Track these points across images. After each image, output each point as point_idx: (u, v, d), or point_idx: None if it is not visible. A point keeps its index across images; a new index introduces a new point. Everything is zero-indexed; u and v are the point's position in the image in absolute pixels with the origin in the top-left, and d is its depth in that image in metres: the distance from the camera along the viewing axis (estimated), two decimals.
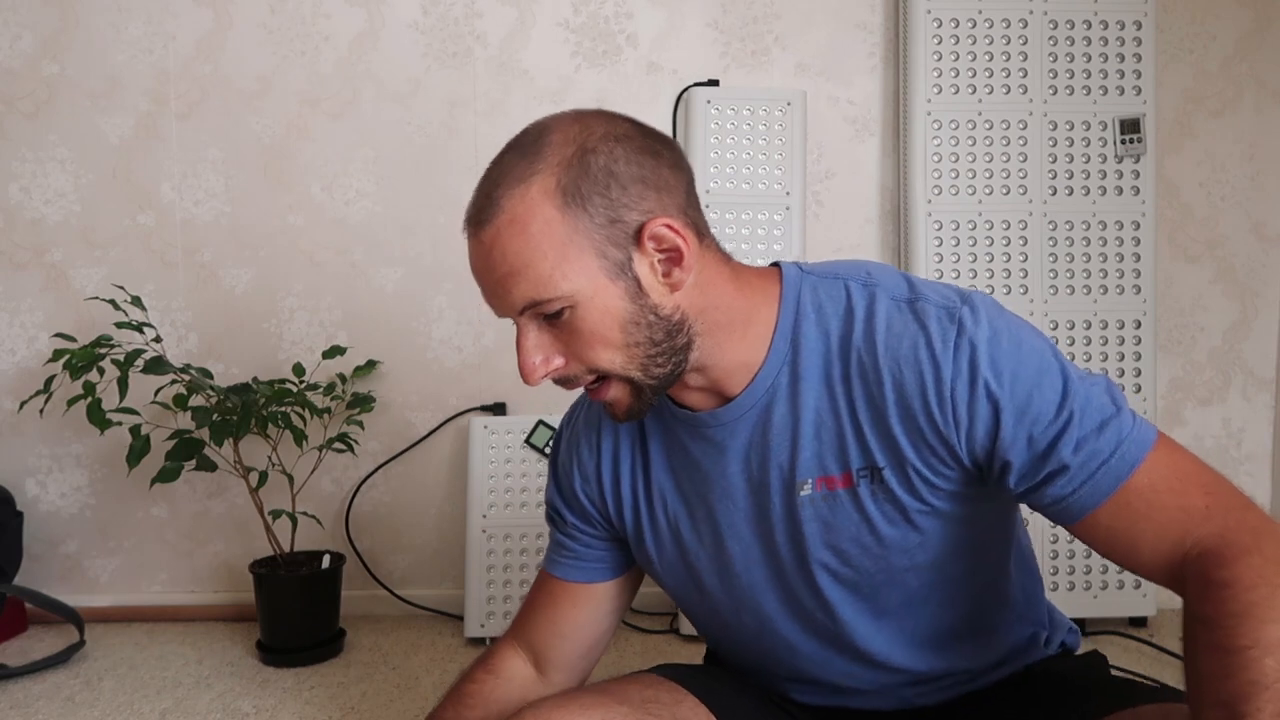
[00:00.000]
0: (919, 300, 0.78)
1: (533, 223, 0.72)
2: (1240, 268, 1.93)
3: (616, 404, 0.80)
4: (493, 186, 0.74)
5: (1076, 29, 1.80)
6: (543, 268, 0.72)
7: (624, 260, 0.74)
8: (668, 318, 0.76)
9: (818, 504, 0.80)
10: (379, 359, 1.92)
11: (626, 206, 0.73)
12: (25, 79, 1.89)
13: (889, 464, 0.78)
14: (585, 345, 0.76)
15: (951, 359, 0.74)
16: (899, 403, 0.76)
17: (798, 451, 0.80)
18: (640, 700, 0.87)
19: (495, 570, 1.78)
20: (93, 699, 1.54)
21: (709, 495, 0.86)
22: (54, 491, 1.95)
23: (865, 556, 0.81)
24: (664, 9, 1.89)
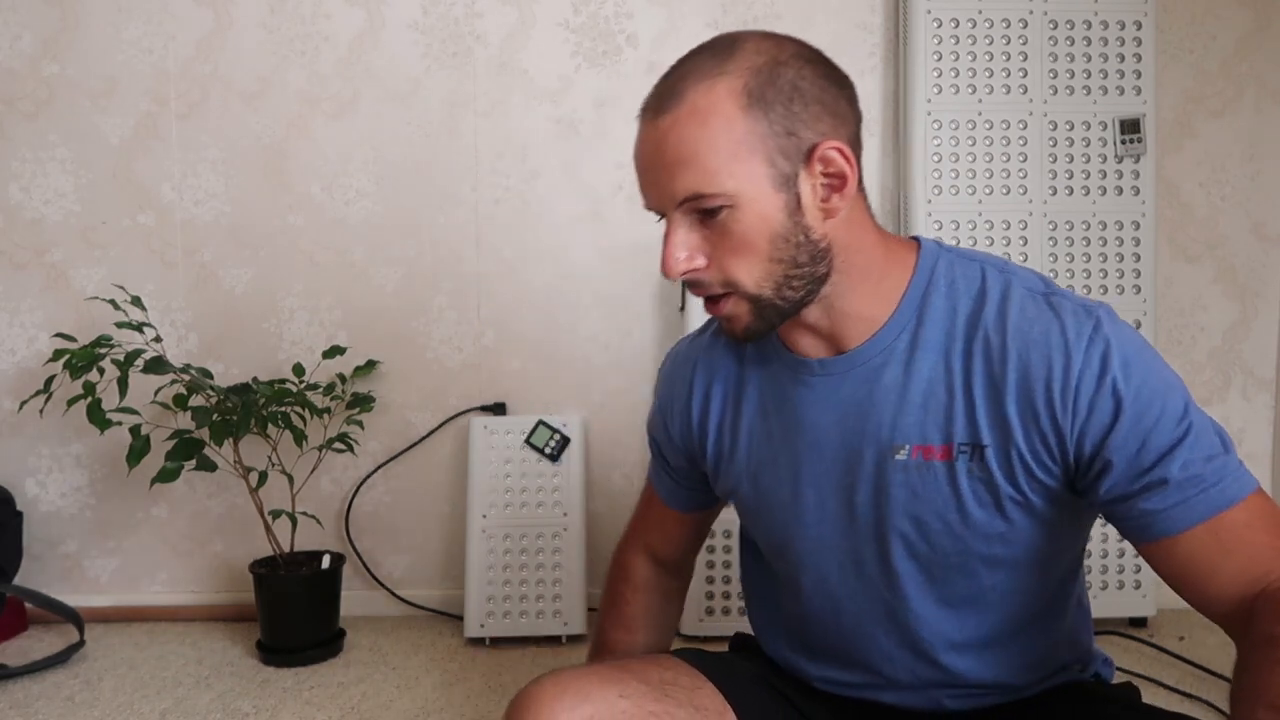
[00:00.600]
0: (1055, 295, 0.78)
1: (713, 117, 0.73)
2: (1240, 268, 1.93)
3: (735, 320, 0.81)
4: (678, 79, 0.76)
5: (1076, 29, 1.80)
6: (713, 162, 0.73)
7: (790, 174, 0.75)
8: (815, 242, 0.77)
9: (910, 471, 0.80)
10: (379, 359, 1.92)
11: (804, 124, 0.75)
12: (25, 79, 1.89)
13: (994, 444, 0.77)
14: (731, 250, 0.76)
15: (1084, 350, 0.73)
16: (1020, 385, 0.75)
17: (901, 416, 0.80)
18: (659, 681, 0.88)
19: (495, 570, 1.78)
20: (93, 699, 1.54)
21: (796, 442, 0.86)
22: (54, 491, 1.95)
23: (945, 535, 0.81)
24: (664, 9, 1.89)
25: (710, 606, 1.79)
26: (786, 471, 0.88)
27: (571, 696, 0.83)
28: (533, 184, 1.92)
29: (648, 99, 0.78)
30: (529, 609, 1.77)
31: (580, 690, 0.83)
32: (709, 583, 1.80)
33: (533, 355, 1.94)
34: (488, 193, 1.92)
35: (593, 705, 0.82)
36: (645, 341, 1.94)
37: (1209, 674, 1.57)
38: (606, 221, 1.92)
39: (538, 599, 1.78)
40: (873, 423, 0.81)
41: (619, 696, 0.83)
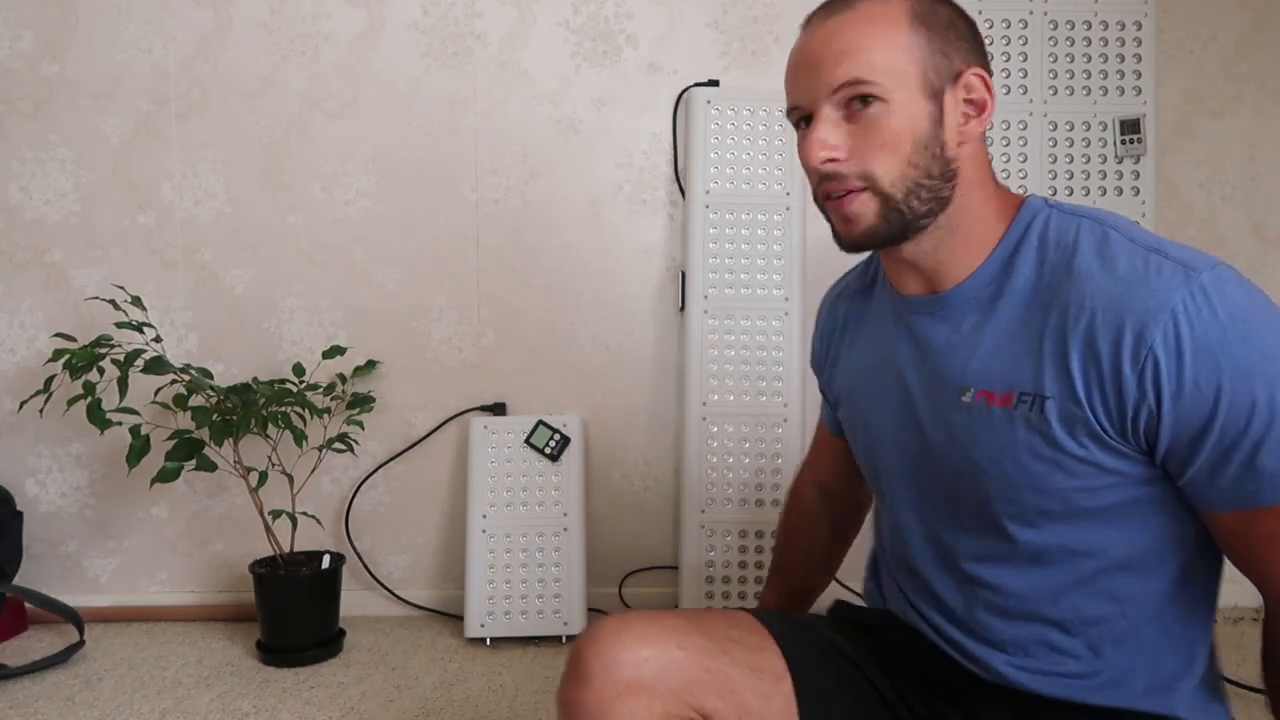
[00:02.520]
0: (1159, 249, 0.75)
1: (882, 23, 0.80)
2: (1240, 268, 1.92)
3: (858, 220, 0.83)
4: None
5: (1076, 29, 1.80)
6: (877, 56, 0.79)
7: (940, 89, 0.81)
8: (948, 160, 0.82)
9: (973, 414, 0.83)
10: (379, 359, 1.92)
11: (957, 50, 0.81)
12: (25, 79, 1.89)
13: (1057, 396, 0.77)
14: (875, 146, 0.80)
15: (1166, 318, 0.71)
16: (1086, 340, 0.75)
17: (973, 361, 0.84)
18: (724, 638, 0.91)
19: (495, 570, 1.78)
20: (93, 699, 1.54)
21: (887, 374, 0.93)
22: (54, 491, 1.95)
23: (1000, 481, 0.83)
24: (664, 9, 1.89)
25: (710, 606, 1.79)
26: (876, 401, 0.94)
27: (630, 638, 0.87)
28: (533, 184, 1.92)
29: (817, 9, 0.85)
30: (529, 609, 1.77)
31: (640, 635, 0.87)
32: (708, 582, 1.80)
33: (533, 355, 1.94)
34: (488, 193, 1.92)
35: (650, 649, 0.86)
36: (645, 341, 1.94)
37: None
38: (606, 221, 1.92)
39: (538, 599, 1.78)
40: (949, 365, 0.86)
41: (676, 647, 0.87)
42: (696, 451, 1.81)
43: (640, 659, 0.85)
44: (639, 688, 0.84)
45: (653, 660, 0.85)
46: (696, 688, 0.86)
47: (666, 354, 1.94)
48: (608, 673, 0.85)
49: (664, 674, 0.85)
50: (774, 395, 1.80)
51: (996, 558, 0.87)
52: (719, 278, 1.82)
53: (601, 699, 0.84)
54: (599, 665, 0.86)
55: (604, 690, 0.84)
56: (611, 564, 1.95)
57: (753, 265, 1.81)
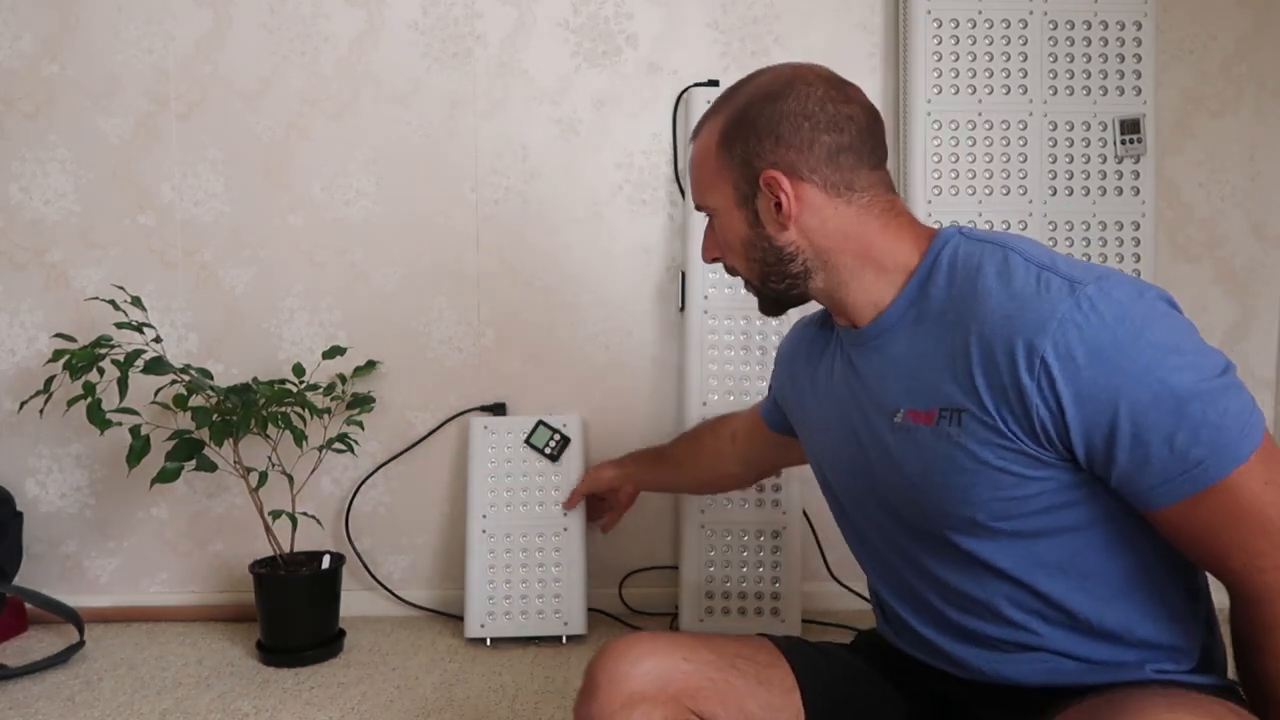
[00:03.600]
0: (1050, 268, 0.80)
1: (703, 155, 0.97)
2: (1240, 268, 1.93)
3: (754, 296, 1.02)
4: (702, 120, 0.99)
5: (1076, 29, 1.80)
6: (704, 184, 0.98)
7: (749, 194, 0.94)
8: (780, 248, 0.94)
9: (905, 433, 0.89)
10: (379, 359, 1.92)
11: (758, 155, 0.92)
12: (25, 79, 1.89)
13: (971, 408, 0.82)
14: (723, 248, 1.00)
15: (1053, 330, 0.76)
16: (985, 354, 0.80)
17: (899, 383, 0.90)
18: (733, 654, 0.97)
19: (495, 570, 1.78)
20: (93, 699, 1.54)
21: (833, 403, 1.01)
22: (54, 491, 1.95)
23: (924, 493, 0.88)
24: (664, 9, 1.89)
25: (710, 606, 1.79)
26: (830, 431, 1.01)
27: (637, 653, 0.91)
28: (533, 184, 1.92)
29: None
30: (529, 609, 1.77)
31: (649, 648, 0.92)
32: (708, 582, 1.80)
33: (533, 355, 1.94)
34: (488, 193, 1.92)
35: (655, 660, 0.91)
36: (645, 341, 1.94)
37: None
38: (606, 221, 1.92)
39: (538, 599, 1.78)
40: (882, 389, 0.92)
41: (682, 659, 0.92)
42: None
43: (644, 670, 0.90)
44: (641, 697, 0.89)
45: (656, 670, 0.90)
46: (698, 694, 0.90)
47: (666, 354, 1.94)
48: (614, 686, 0.89)
49: (666, 682, 0.90)
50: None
51: (953, 565, 0.90)
52: (719, 278, 1.81)
53: (605, 711, 0.89)
54: (606, 679, 0.90)
55: (609, 703, 0.89)
56: (611, 564, 1.95)
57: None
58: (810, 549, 1.89)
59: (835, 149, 0.91)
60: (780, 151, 0.90)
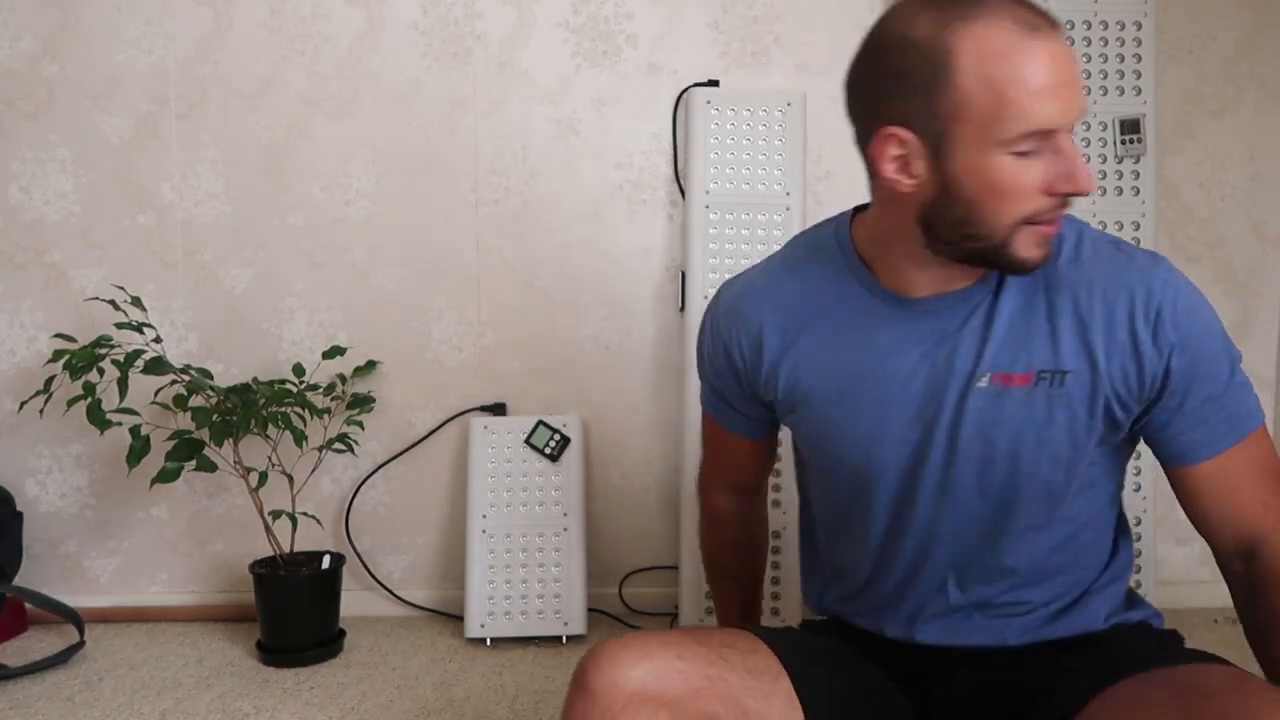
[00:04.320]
0: (1122, 242, 0.89)
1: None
2: (1240, 268, 1.93)
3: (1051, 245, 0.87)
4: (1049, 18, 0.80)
5: (1076, 29, 1.80)
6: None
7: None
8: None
9: (989, 398, 0.88)
10: (379, 359, 1.92)
11: None
12: (25, 79, 1.89)
13: (1078, 370, 0.86)
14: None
15: (1160, 286, 0.84)
16: (1105, 316, 0.85)
17: (985, 348, 0.88)
18: (719, 645, 0.94)
19: (495, 570, 1.78)
20: (93, 699, 1.54)
21: (882, 371, 0.93)
22: (54, 491, 1.95)
23: (1014, 459, 0.89)
24: (664, 9, 1.89)
25: (710, 606, 1.79)
26: (871, 400, 0.93)
27: (632, 653, 0.88)
28: (533, 184, 1.92)
29: (1030, 14, 0.78)
30: (529, 609, 1.77)
31: (641, 649, 0.89)
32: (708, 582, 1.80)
33: (533, 355, 1.94)
34: (488, 193, 1.92)
35: (651, 662, 0.88)
36: (645, 341, 1.94)
37: None
38: (606, 221, 1.92)
39: (538, 599, 1.78)
40: (959, 356, 0.89)
41: (676, 657, 0.89)
42: (696, 451, 1.80)
43: (643, 671, 0.87)
44: (643, 698, 0.86)
45: (655, 671, 0.87)
46: (699, 695, 0.88)
47: (666, 354, 1.94)
48: (614, 687, 0.86)
49: (666, 684, 0.87)
50: None
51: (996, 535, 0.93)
52: (719, 278, 1.81)
53: (606, 712, 0.85)
54: (603, 680, 0.86)
55: (610, 704, 0.85)
56: (611, 564, 1.95)
57: None
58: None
59: None
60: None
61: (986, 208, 0.80)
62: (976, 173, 0.79)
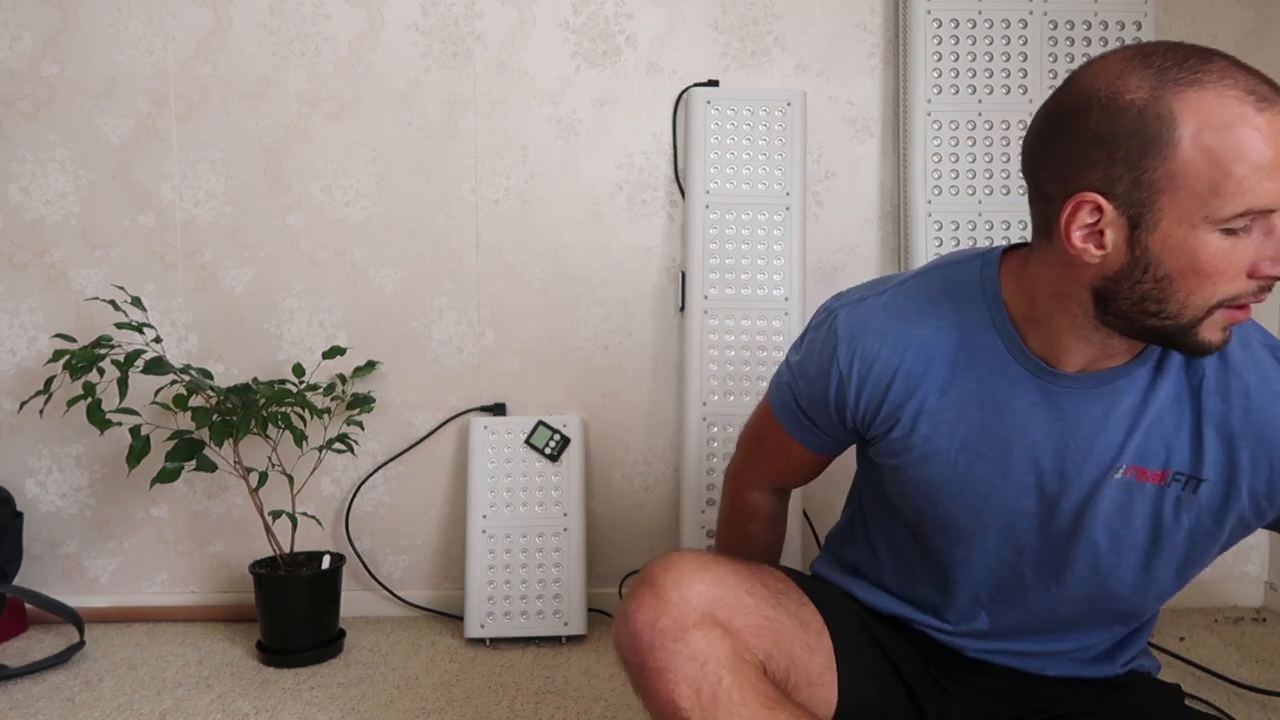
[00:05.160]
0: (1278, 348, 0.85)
1: None
2: None
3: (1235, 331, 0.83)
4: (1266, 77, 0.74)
5: (1076, 29, 1.80)
6: None
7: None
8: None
9: (1121, 489, 0.86)
10: (379, 359, 1.92)
11: None
12: (25, 79, 1.89)
13: (1216, 480, 0.84)
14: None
15: None
16: (1258, 436, 0.82)
17: (1129, 439, 0.85)
18: (775, 589, 0.95)
19: (495, 570, 1.78)
20: (93, 699, 1.54)
21: (1013, 440, 0.89)
22: (54, 492, 1.95)
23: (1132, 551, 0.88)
24: (664, 9, 1.89)
25: None
26: (993, 465, 0.90)
27: (709, 575, 0.89)
28: (533, 184, 1.92)
29: (1261, 86, 0.73)
30: (529, 609, 1.77)
31: (717, 575, 0.89)
32: None
33: (533, 355, 1.94)
34: (488, 193, 1.92)
35: (724, 590, 0.88)
36: (645, 341, 1.94)
37: (1209, 674, 1.57)
38: (606, 221, 1.92)
39: (538, 599, 1.78)
40: (1100, 442, 0.86)
41: (746, 593, 0.90)
42: (696, 451, 1.81)
43: (716, 594, 0.87)
44: (712, 621, 0.86)
45: (726, 600, 0.88)
46: (760, 633, 0.89)
47: (666, 354, 1.94)
48: (687, 601, 0.86)
49: (734, 615, 0.88)
50: None
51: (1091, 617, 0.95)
52: (719, 278, 1.82)
53: (679, 624, 0.85)
54: (677, 592, 0.86)
55: (683, 616, 0.85)
56: (611, 564, 1.95)
57: (753, 265, 1.81)
58: (810, 549, 1.89)
59: None
60: None
61: (1182, 287, 0.75)
62: (1180, 249, 0.73)
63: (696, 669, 0.83)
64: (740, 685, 0.83)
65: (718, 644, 0.84)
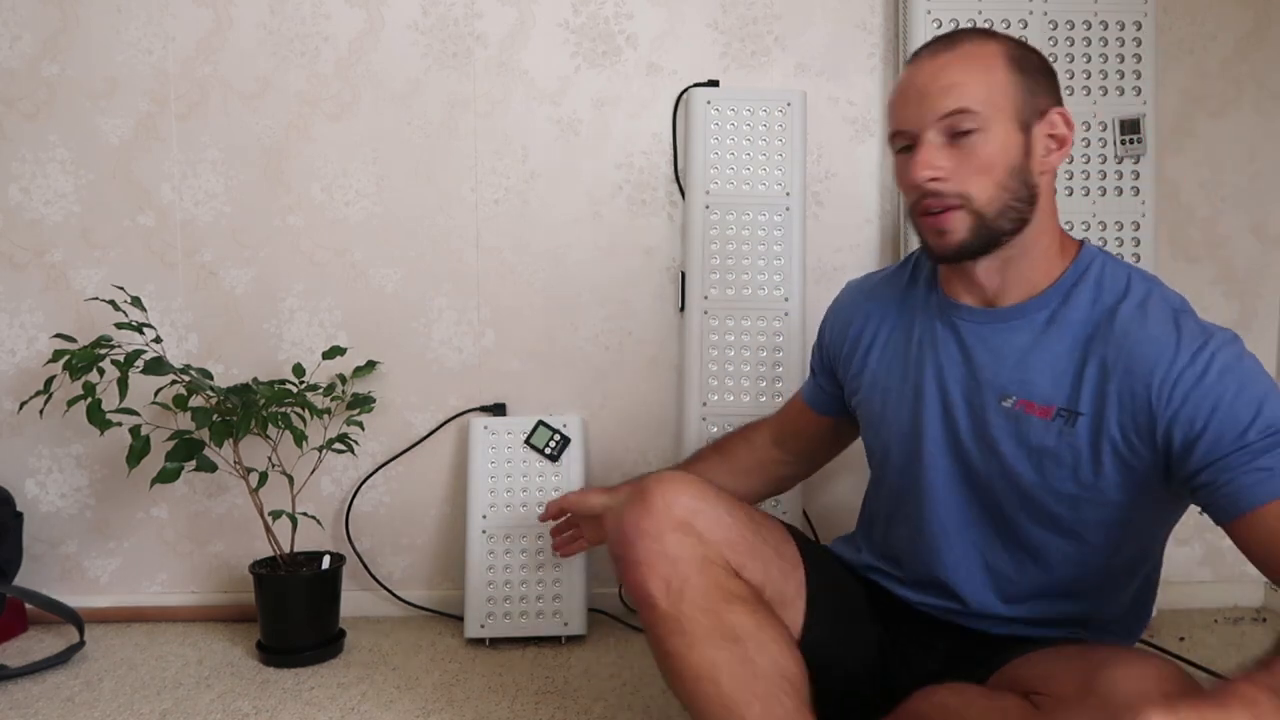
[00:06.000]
0: (1184, 314, 0.92)
1: (985, 62, 0.95)
2: (1240, 268, 1.93)
3: (954, 232, 0.96)
4: (954, 37, 0.97)
5: (1076, 29, 1.80)
6: (979, 91, 0.93)
7: (1029, 122, 0.95)
8: (1031, 185, 0.96)
9: (1010, 419, 0.97)
10: (379, 359, 1.92)
11: (1044, 91, 0.96)
12: (25, 79, 1.89)
13: (1089, 414, 0.92)
14: (972, 169, 0.94)
15: (1190, 356, 0.87)
16: (1126, 372, 0.90)
17: (1019, 372, 0.97)
18: (758, 521, 1.09)
19: (495, 570, 1.78)
20: (93, 699, 1.54)
21: (928, 373, 1.05)
22: (54, 492, 1.95)
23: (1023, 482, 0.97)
24: (664, 9, 1.89)
25: None
26: (913, 398, 1.07)
27: (694, 490, 1.02)
28: (533, 184, 1.92)
29: (924, 46, 0.98)
30: (529, 609, 1.77)
31: (701, 492, 1.03)
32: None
33: (533, 355, 1.94)
34: (488, 193, 1.92)
35: (705, 504, 1.02)
36: (645, 341, 1.94)
37: (1209, 674, 1.57)
38: (606, 221, 1.92)
39: (538, 599, 1.78)
40: (995, 372, 0.99)
41: (726, 513, 1.03)
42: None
43: (696, 508, 1.01)
44: (689, 528, 0.99)
45: (705, 513, 1.01)
46: (736, 547, 1.02)
47: (666, 354, 1.94)
48: (669, 509, 1.00)
49: (712, 527, 1.01)
50: (774, 396, 1.80)
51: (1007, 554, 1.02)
52: (719, 278, 1.82)
53: (659, 527, 0.99)
54: (662, 501, 1.00)
55: (663, 520, 0.99)
56: (611, 564, 1.94)
57: (753, 265, 1.81)
58: None
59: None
60: (1057, 95, 0.97)
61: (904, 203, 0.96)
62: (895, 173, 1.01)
63: (668, 565, 0.98)
64: (705, 584, 0.97)
65: (690, 547, 0.98)
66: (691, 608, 0.96)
